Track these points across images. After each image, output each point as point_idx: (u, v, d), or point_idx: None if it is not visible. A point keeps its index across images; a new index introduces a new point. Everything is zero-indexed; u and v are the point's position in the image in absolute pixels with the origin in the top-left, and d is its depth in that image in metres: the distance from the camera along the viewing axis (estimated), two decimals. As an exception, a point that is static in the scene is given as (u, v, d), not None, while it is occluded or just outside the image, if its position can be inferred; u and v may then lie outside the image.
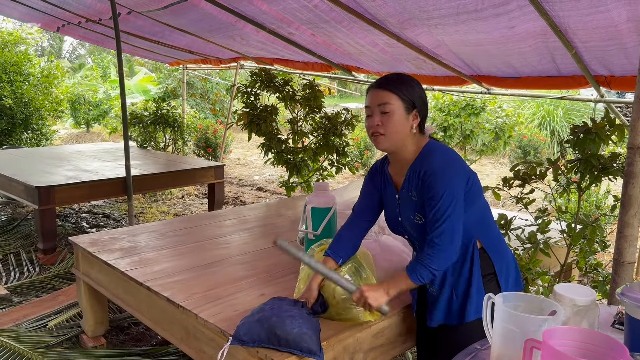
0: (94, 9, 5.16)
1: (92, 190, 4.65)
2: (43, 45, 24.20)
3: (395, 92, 1.72)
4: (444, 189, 1.65)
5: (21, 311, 3.37)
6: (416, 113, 1.75)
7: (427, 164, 1.71)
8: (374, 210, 1.99)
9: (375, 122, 1.73)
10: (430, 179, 1.67)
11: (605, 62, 3.27)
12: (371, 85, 1.79)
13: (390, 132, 1.72)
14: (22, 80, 8.41)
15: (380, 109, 1.72)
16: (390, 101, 1.72)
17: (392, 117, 1.71)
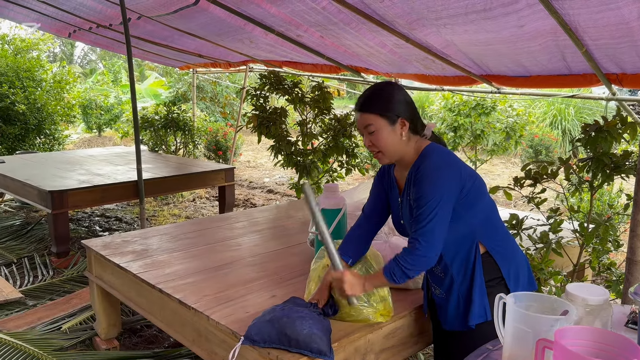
0: (104, 14, 5.21)
1: (104, 194, 4.69)
2: (55, 51, 24.49)
3: (373, 112, 1.73)
4: (431, 192, 1.65)
5: (35, 314, 3.41)
6: (402, 121, 1.74)
7: (420, 168, 1.71)
8: (383, 211, 1.99)
9: (367, 143, 1.78)
10: (419, 181, 1.68)
11: (616, 59, 3.24)
12: (354, 107, 1.82)
13: (383, 148, 1.75)
14: (34, 86, 8.51)
15: (367, 130, 1.75)
16: (371, 122, 1.73)
17: (379, 135, 1.73)
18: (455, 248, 1.76)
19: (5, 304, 3.56)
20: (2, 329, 3.17)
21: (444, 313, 1.86)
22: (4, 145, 7.92)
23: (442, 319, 1.87)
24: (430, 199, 1.64)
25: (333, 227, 2.41)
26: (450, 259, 1.78)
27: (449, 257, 1.78)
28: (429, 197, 1.64)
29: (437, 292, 1.87)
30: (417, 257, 1.66)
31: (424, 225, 1.64)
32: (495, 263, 1.77)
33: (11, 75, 8.33)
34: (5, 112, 7.96)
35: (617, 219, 3.62)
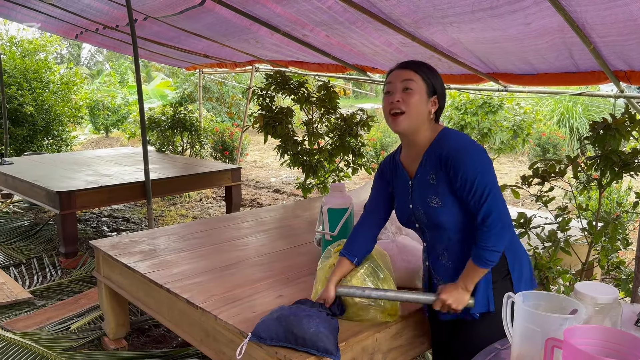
0: (111, 15, 5.24)
1: (112, 195, 4.71)
2: (62, 53, 24.64)
3: (419, 73, 1.73)
4: (475, 167, 1.64)
5: (44, 314, 3.43)
6: (435, 100, 1.75)
7: (447, 146, 1.69)
8: (386, 206, 1.98)
9: (396, 98, 1.72)
10: (457, 162, 1.65)
11: (624, 56, 3.22)
12: (394, 67, 1.79)
13: (410, 110, 1.70)
14: (42, 88, 8.56)
15: (404, 85, 1.71)
16: (414, 79, 1.72)
17: (414, 96, 1.71)
18: (469, 234, 1.72)
19: (14, 304, 3.59)
20: (11, 329, 3.19)
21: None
22: (13, 146, 7.98)
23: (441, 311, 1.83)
24: (478, 174, 1.63)
25: (340, 227, 2.41)
26: (460, 246, 1.75)
27: (460, 244, 1.75)
28: (476, 172, 1.63)
29: (439, 283, 1.82)
30: (498, 231, 1.63)
31: (485, 200, 1.62)
32: (504, 256, 1.76)
33: (19, 77, 8.39)
34: (13, 113, 8.02)
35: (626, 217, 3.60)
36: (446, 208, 1.70)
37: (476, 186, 1.63)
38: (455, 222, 1.72)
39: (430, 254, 1.84)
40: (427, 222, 1.78)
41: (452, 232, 1.73)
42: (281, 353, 1.70)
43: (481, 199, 1.63)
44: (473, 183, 1.63)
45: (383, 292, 1.75)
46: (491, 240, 1.64)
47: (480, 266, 1.67)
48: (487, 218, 1.63)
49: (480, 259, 1.66)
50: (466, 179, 1.64)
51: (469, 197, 1.65)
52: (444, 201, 1.70)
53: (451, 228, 1.73)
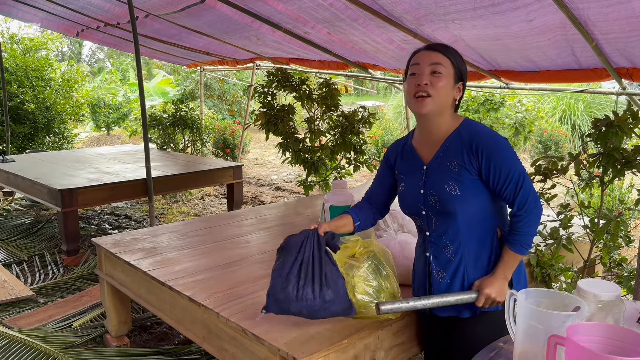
0: (112, 13, 5.23)
1: (113, 192, 4.72)
2: (63, 50, 24.64)
3: (449, 57, 1.71)
4: (508, 158, 1.65)
5: (46, 312, 3.44)
6: (460, 86, 1.74)
7: (477, 136, 1.68)
8: (386, 198, 1.97)
9: (424, 81, 1.67)
10: (490, 150, 1.65)
11: (627, 53, 3.21)
12: (421, 48, 1.76)
13: (437, 93, 1.67)
14: (43, 85, 8.57)
15: (432, 68, 1.68)
16: (443, 63, 1.69)
17: (442, 80, 1.68)
18: (478, 227, 1.72)
19: (16, 302, 3.60)
20: (13, 326, 3.20)
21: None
22: (14, 144, 7.99)
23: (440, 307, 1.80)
24: (512, 165, 1.65)
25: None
26: (467, 239, 1.72)
27: (467, 236, 1.72)
28: (510, 163, 1.65)
29: (439, 277, 1.79)
30: (534, 217, 1.66)
31: (521, 189, 1.65)
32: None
33: (20, 75, 8.39)
34: (14, 111, 8.02)
35: (628, 214, 3.60)
36: (463, 196, 1.67)
37: (511, 176, 1.65)
38: (469, 212, 1.69)
39: (433, 244, 1.79)
40: (439, 209, 1.73)
41: (463, 222, 1.70)
42: (283, 351, 1.71)
43: (517, 187, 1.65)
44: (508, 173, 1.65)
45: (427, 300, 1.73)
46: (530, 226, 1.66)
47: (518, 252, 1.68)
48: (524, 205, 1.65)
49: (519, 245, 1.68)
50: (501, 170, 1.65)
51: (504, 186, 1.66)
52: (462, 189, 1.67)
53: (463, 218, 1.70)
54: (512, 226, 1.69)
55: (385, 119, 12.63)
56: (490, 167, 1.65)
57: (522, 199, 1.65)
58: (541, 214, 1.70)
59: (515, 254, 1.69)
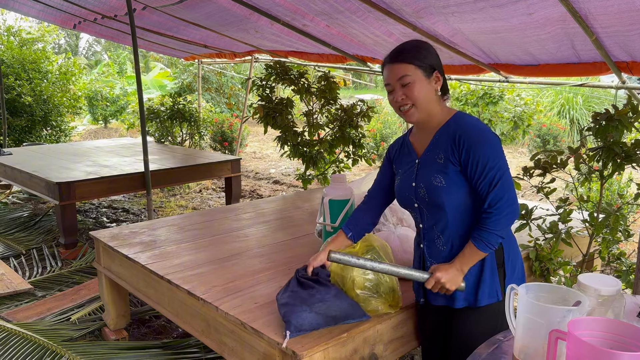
0: (109, 5, 5.20)
1: (111, 186, 4.70)
2: (60, 43, 24.52)
3: (411, 61, 1.68)
4: (488, 152, 1.63)
5: (45, 305, 3.43)
6: (437, 75, 1.72)
7: (462, 127, 1.67)
8: (388, 193, 1.98)
9: (399, 97, 1.69)
10: (471, 142, 1.64)
11: (626, 47, 3.20)
12: (385, 61, 1.75)
13: (417, 101, 1.68)
14: (40, 78, 8.53)
15: (401, 82, 1.68)
16: (408, 72, 1.67)
17: (415, 88, 1.67)
18: (466, 218, 1.72)
19: (14, 295, 3.59)
20: (12, 319, 3.20)
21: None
22: (11, 137, 7.96)
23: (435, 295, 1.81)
24: (490, 159, 1.62)
25: (341, 218, 2.41)
26: (456, 230, 1.73)
27: (456, 227, 1.73)
28: (489, 157, 1.62)
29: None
30: (505, 217, 1.63)
31: (496, 185, 1.62)
32: (501, 246, 1.75)
33: (17, 67, 8.35)
34: (11, 104, 7.99)
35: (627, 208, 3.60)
36: (448, 188, 1.68)
37: (487, 170, 1.62)
38: (456, 204, 1.70)
39: (426, 236, 1.81)
40: (428, 202, 1.75)
41: (451, 214, 1.71)
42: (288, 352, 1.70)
43: (491, 183, 1.62)
44: (485, 167, 1.62)
45: (377, 264, 1.75)
46: (497, 224, 1.63)
47: (480, 249, 1.66)
48: (496, 203, 1.62)
49: (482, 241, 1.65)
50: (478, 162, 1.63)
51: (480, 180, 1.64)
52: (447, 181, 1.68)
53: (450, 209, 1.71)
54: (480, 221, 1.67)
55: (384, 112, 12.61)
56: (470, 158, 1.64)
57: (494, 197, 1.63)
58: (514, 218, 1.66)
59: (477, 250, 1.66)
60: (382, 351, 1.96)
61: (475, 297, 1.75)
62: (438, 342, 1.93)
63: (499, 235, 1.64)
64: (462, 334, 1.78)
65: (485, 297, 1.74)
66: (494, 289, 1.74)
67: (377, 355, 1.94)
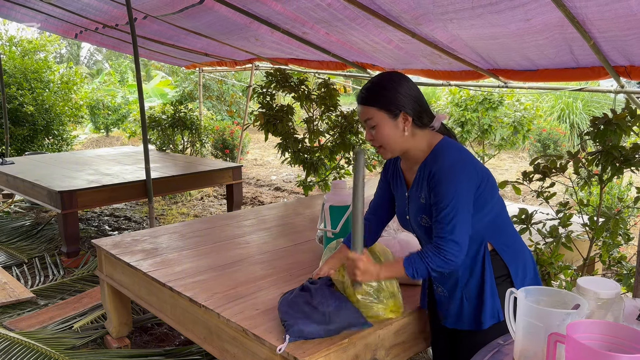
0: (110, 14, 5.24)
1: (113, 194, 4.72)
2: (62, 52, 24.64)
3: (373, 105, 1.67)
4: (450, 192, 1.59)
5: (47, 313, 3.44)
6: (404, 115, 1.67)
7: (435, 166, 1.65)
8: (389, 208, 1.98)
9: (368, 137, 1.74)
10: (437, 182, 1.62)
11: (625, 52, 3.21)
12: (356, 98, 1.78)
13: (384, 143, 1.70)
14: (42, 87, 8.56)
15: (368, 124, 1.70)
16: (371, 116, 1.68)
17: (380, 130, 1.68)
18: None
19: (17, 304, 3.60)
20: (14, 328, 3.20)
21: (445, 310, 1.84)
22: (13, 146, 7.98)
23: (443, 315, 1.86)
24: (451, 200, 1.59)
25: (342, 224, 2.42)
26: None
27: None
28: (449, 198, 1.59)
29: (439, 291, 1.84)
30: (445, 261, 1.61)
31: (447, 224, 1.60)
32: (503, 261, 1.74)
33: (19, 77, 8.39)
34: (13, 113, 8.02)
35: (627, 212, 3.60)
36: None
37: (445, 210, 1.60)
38: None
39: None
40: (421, 234, 1.81)
41: None
42: (284, 350, 1.71)
43: (445, 222, 1.60)
44: (443, 205, 1.60)
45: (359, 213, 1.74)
46: (434, 262, 1.62)
47: (406, 272, 1.65)
48: (443, 241, 1.61)
49: (413, 267, 1.64)
50: (439, 201, 1.61)
51: (436, 215, 1.63)
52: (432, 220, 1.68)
53: None
54: (424, 247, 1.68)
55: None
56: (433, 192, 1.64)
57: (443, 232, 1.61)
58: (452, 263, 1.62)
59: (403, 270, 1.66)
60: (384, 357, 1.97)
61: (477, 320, 1.75)
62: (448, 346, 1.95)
63: (429, 270, 1.63)
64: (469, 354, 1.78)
65: (488, 318, 1.73)
66: (495, 310, 1.73)
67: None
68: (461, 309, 1.78)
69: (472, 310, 1.76)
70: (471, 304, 1.75)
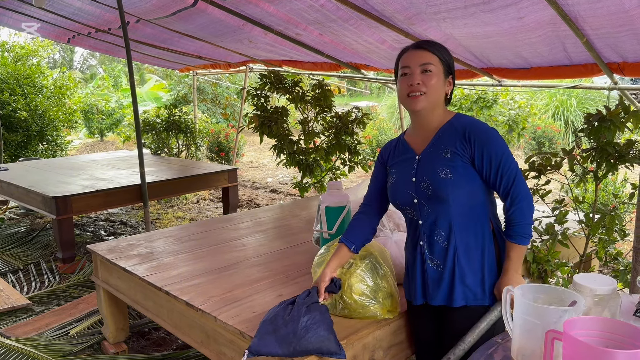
0: (102, 19, 5.22)
1: (108, 199, 4.70)
2: (55, 58, 24.56)
3: (437, 54, 1.74)
4: (501, 150, 1.69)
5: (43, 320, 3.42)
6: (450, 80, 1.79)
7: (470, 125, 1.73)
8: (384, 197, 1.96)
9: (416, 81, 1.72)
10: (483, 139, 1.69)
11: (617, 48, 3.23)
12: (408, 47, 1.80)
13: (431, 91, 1.72)
14: (35, 93, 8.54)
15: (423, 68, 1.72)
16: (432, 62, 1.73)
17: (433, 78, 1.72)
18: (469, 212, 1.72)
19: (13, 311, 3.57)
20: (10, 335, 3.18)
21: (435, 287, 1.78)
22: (7, 152, 7.95)
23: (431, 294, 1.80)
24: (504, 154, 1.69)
25: (338, 225, 2.41)
26: (459, 226, 1.73)
27: (459, 221, 1.73)
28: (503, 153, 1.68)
29: (433, 265, 1.78)
30: (527, 205, 1.70)
31: (514, 178, 1.69)
32: (498, 245, 1.77)
33: (12, 83, 8.36)
34: (7, 119, 7.99)
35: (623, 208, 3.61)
36: (456, 181, 1.69)
37: (503, 168, 1.68)
38: (460, 198, 1.70)
39: (426, 233, 1.79)
40: (431, 195, 1.73)
41: (454, 208, 1.71)
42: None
43: (510, 180, 1.69)
44: (499, 164, 1.68)
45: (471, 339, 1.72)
46: (526, 216, 1.70)
47: (523, 243, 1.71)
48: (516, 197, 1.69)
49: (520, 236, 1.70)
50: (491, 159, 1.68)
51: (497, 177, 1.69)
52: (455, 174, 1.70)
53: (454, 204, 1.71)
54: (509, 220, 1.71)
55: (379, 119, 12.65)
56: (484, 156, 1.69)
57: (516, 192, 1.69)
58: (533, 203, 1.73)
59: (519, 246, 1.71)
60: (382, 357, 1.96)
61: (474, 296, 1.75)
62: (433, 346, 1.92)
63: (530, 224, 1.71)
64: (456, 332, 1.76)
65: (488, 296, 1.74)
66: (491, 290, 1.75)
67: (376, 362, 1.94)
68: (452, 284, 1.75)
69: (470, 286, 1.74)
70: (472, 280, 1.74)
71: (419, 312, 1.93)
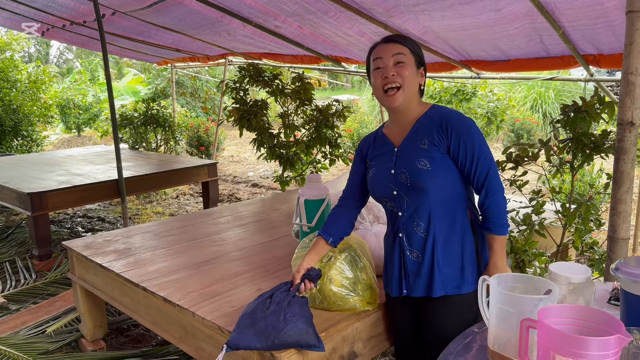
0: (77, 11, 5.11)
1: (84, 194, 4.62)
2: (30, 51, 24.04)
3: (407, 46, 1.75)
4: (476, 141, 1.70)
5: (19, 318, 3.36)
6: (422, 71, 1.79)
7: (447, 116, 1.74)
8: (363, 190, 1.96)
9: (390, 72, 1.72)
10: (459, 129, 1.70)
11: (593, 40, 3.26)
12: (379, 42, 1.80)
13: (406, 82, 1.72)
14: (9, 87, 8.34)
15: (395, 59, 1.73)
16: (404, 52, 1.74)
17: (407, 68, 1.72)
18: (447, 202, 1.73)
19: (-13, 310, 3.50)
20: (-15, 335, 3.12)
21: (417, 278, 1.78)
22: (-19, 148, 7.77)
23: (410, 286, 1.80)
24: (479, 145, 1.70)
25: (317, 218, 2.40)
26: (437, 216, 1.73)
27: (438, 211, 1.73)
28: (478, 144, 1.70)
29: (412, 256, 1.78)
30: (501, 195, 1.73)
31: (489, 169, 1.71)
32: (477, 235, 1.79)
33: (-16, 77, 8.16)
34: (-21, 114, 7.80)
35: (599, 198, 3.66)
36: (434, 171, 1.70)
37: (478, 157, 1.70)
38: (439, 188, 1.71)
39: (406, 225, 1.78)
40: (410, 186, 1.74)
41: (433, 198, 1.72)
42: (266, 354, 1.69)
43: (484, 171, 1.71)
44: (474, 153, 1.70)
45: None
46: (503, 207, 1.72)
47: (503, 233, 1.73)
48: (492, 189, 1.71)
49: (500, 226, 1.72)
50: (466, 148, 1.70)
51: (472, 167, 1.71)
52: (433, 165, 1.70)
53: (433, 194, 1.71)
54: (485, 212, 1.72)
55: (360, 112, 12.67)
56: (460, 145, 1.70)
57: (489, 184, 1.71)
58: (504, 194, 1.75)
59: (500, 237, 1.73)
60: (362, 349, 1.96)
61: (454, 285, 1.75)
62: (412, 338, 1.92)
63: (503, 213, 1.73)
64: (436, 322, 1.77)
65: (469, 285, 1.75)
66: (474, 278, 1.76)
67: (356, 353, 1.94)
68: (431, 274, 1.74)
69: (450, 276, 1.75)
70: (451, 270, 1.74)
71: (397, 304, 1.92)
